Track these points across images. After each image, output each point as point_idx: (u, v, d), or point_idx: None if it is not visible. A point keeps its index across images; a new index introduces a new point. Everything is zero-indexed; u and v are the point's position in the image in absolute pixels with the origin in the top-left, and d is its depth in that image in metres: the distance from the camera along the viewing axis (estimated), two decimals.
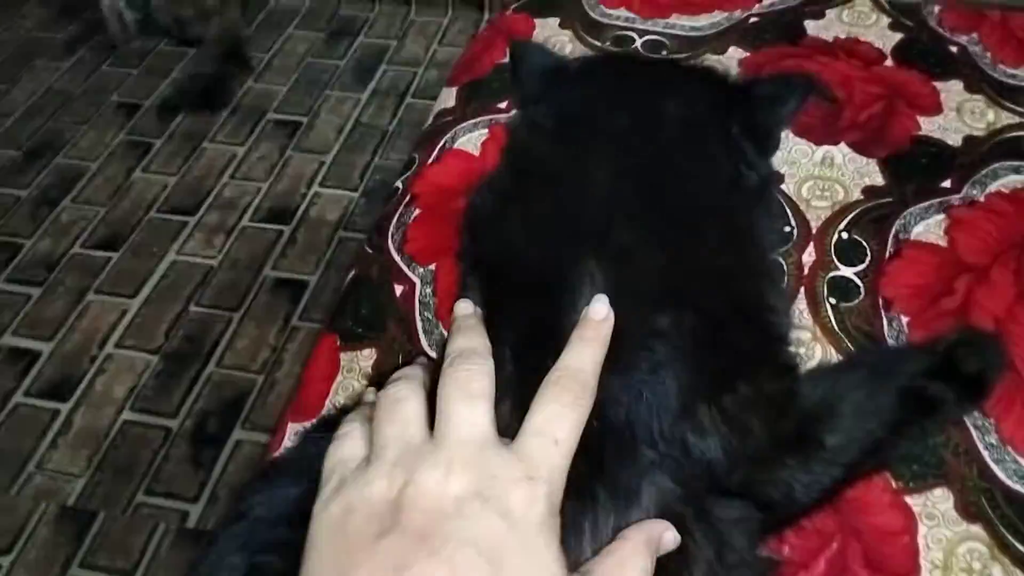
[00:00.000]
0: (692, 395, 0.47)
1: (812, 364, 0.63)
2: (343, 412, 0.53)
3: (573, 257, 0.51)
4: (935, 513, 0.57)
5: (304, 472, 0.45)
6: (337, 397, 0.64)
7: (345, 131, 1.93)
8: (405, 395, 0.41)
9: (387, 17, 2.28)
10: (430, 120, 0.90)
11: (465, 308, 0.49)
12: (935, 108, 0.86)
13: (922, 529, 0.56)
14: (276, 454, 0.62)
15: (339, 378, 0.65)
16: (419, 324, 0.68)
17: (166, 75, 2.12)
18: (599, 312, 0.45)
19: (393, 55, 2.15)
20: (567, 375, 0.41)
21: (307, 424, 0.63)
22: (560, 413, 0.39)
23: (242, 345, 1.49)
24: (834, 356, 0.66)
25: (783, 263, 0.70)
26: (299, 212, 1.73)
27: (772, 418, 0.50)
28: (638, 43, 0.95)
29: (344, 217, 1.71)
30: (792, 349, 0.57)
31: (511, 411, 0.44)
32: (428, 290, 0.71)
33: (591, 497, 0.43)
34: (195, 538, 1.23)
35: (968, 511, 0.57)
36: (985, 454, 0.59)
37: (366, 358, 0.66)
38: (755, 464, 0.50)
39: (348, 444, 0.41)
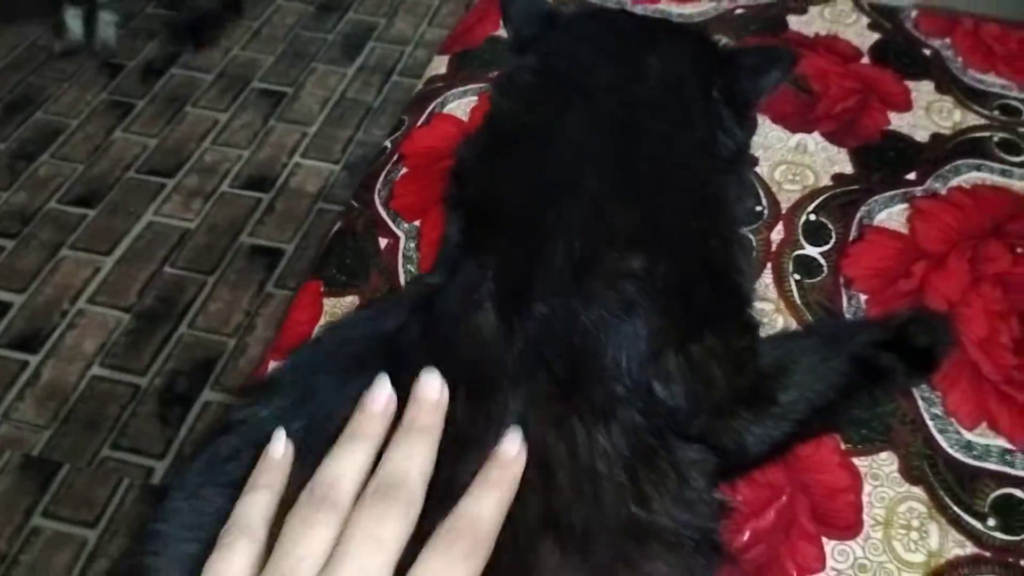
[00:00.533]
0: (660, 341, 0.50)
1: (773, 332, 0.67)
2: None
3: (548, 199, 0.54)
4: (879, 474, 0.61)
5: None
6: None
7: (329, 104, 1.93)
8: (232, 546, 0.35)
9: None
10: (420, 85, 0.92)
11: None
12: (906, 105, 0.90)
13: (867, 488, 0.60)
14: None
15: (322, 321, 0.67)
16: (402, 276, 0.70)
17: (151, 36, 2.11)
18: (509, 451, 0.39)
19: (382, 32, 2.16)
20: (462, 523, 0.35)
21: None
22: (448, 567, 0.33)
23: (215, 308, 1.49)
24: (795, 327, 0.69)
25: (752, 237, 0.73)
26: (279, 181, 1.74)
27: (734, 371, 0.53)
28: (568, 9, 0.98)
29: (324, 189, 1.72)
30: (755, 311, 0.60)
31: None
32: (412, 244, 0.73)
33: (568, 410, 0.45)
34: (160, 494, 1.24)
35: (911, 474, 0.60)
36: (930, 424, 0.63)
37: (348, 305, 0.68)
38: (713, 414, 0.53)
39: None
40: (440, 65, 0.94)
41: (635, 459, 0.46)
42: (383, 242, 0.74)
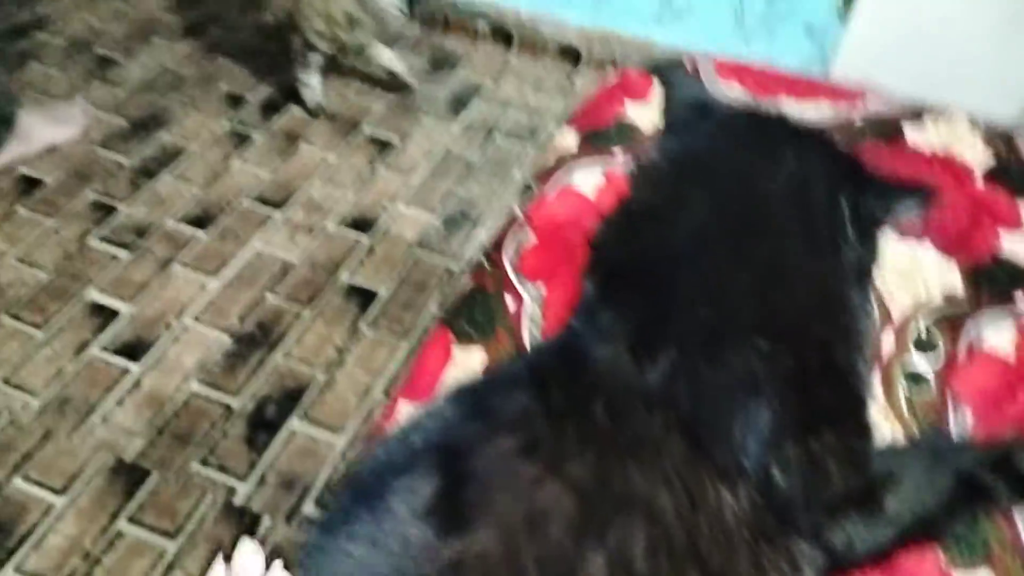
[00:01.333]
0: (781, 429, 0.54)
1: (880, 440, 0.69)
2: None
3: (679, 273, 0.60)
4: None
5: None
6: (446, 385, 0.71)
7: (433, 156, 2.02)
8: None
9: (487, 56, 2.39)
10: (550, 157, 0.98)
11: None
12: (1017, 224, 0.92)
13: None
14: (387, 425, 0.69)
15: (450, 369, 0.72)
16: (526, 336, 0.75)
17: (273, 73, 2.24)
18: None
19: (487, 92, 2.25)
20: None
21: (416, 403, 0.70)
22: None
23: (309, 340, 1.56)
24: (901, 436, 0.71)
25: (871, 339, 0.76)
26: (379, 224, 1.81)
27: (848, 471, 0.56)
28: (727, 105, 1.03)
29: (421, 237, 1.79)
30: (870, 415, 0.63)
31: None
32: (536, 308, 0.78)
33: (699, 461, 0.50)
34: (239, 515, 1.29)
35: None
36: None
37: (476, 358, 0.73)
38: (825, 511, 0.56)
39: None
40: (568, 138, 1.00)
41: (756, 529, 0.49)
42: (510, 302, 0.79)
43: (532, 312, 0.76)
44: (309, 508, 1.30)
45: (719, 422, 0.52)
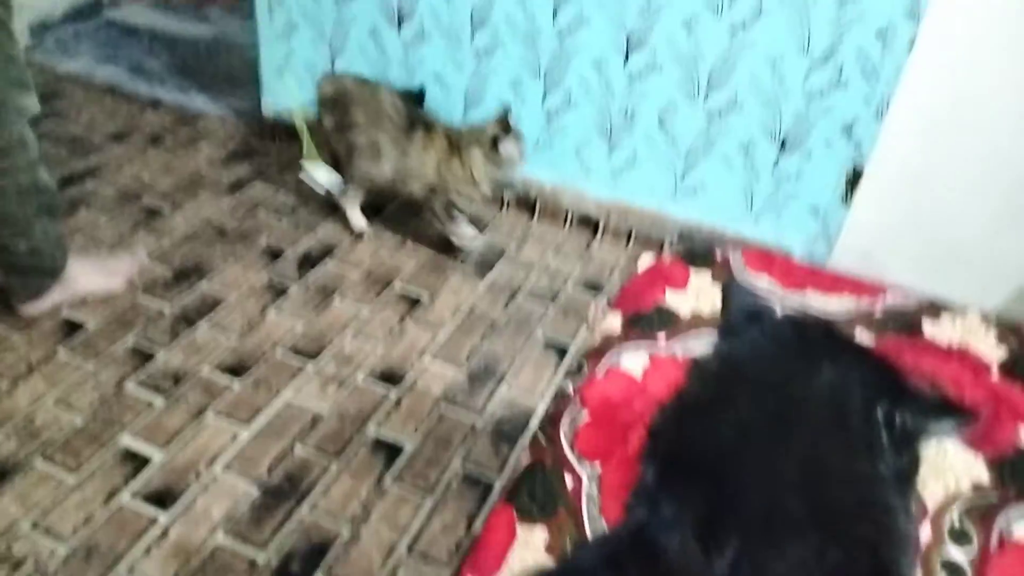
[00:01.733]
0: None
1: None
2: None
3: (730, 465, 0.65)
4: None
5: None
6: (512, 564, 0.75)
7: (459, 313, 2.11)
8: None
9: (511, 221, 2.54)
10: (596, 338, 1.05)
11: None
12: None
13: None
14: None
15: (515, 548, 0.76)
16: (585, 515, 0.79)
17: (311, 229, 2.37)
18: None
19: (511, 255, 2.38)
20: None
21: None
22: None
23: (335, 493, 1.58)
24: None
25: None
26: (407, 378, 1.88)
27: None
28: (777, 312, 1.11)
29: (447, 391, 1.85)
30: None
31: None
32: (594, 487, 0.83)
33: None
34: None
35: None
36: None
37: (539, 537, 0.77)
38: None
39: None
40: (614, 320, 1.08)
41: None
42: (568, 480, 0.84)
43: (590, 491, 0.81)
44: None
45: None
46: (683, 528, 0.61)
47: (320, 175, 2.46)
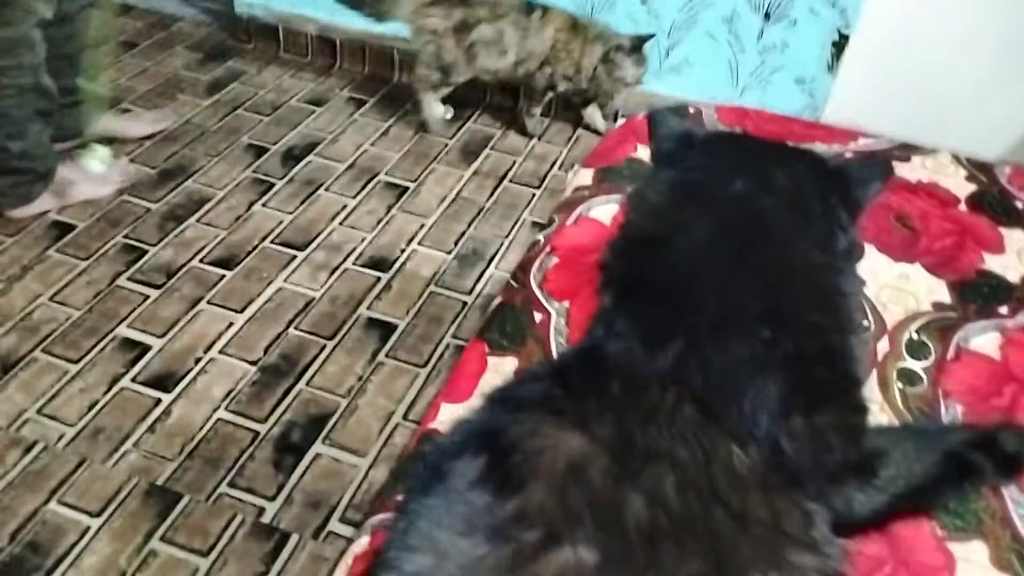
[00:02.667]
0: (789, 405, 0.61)
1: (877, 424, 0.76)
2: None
3: (683, 279, 0.68)
4: (972, 559, 0.69)
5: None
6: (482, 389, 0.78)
7: (446, 201, 2.12)
8: None
9: (497, 108, 2.52)
10: (568, 192, 1.07)
11: None
12: (999, 249, 1.00)
13: (960, 570, 0.68)
14: (430, 425, 0.76)
15: (486, 375, 0.79)
16: (553, 346, 0.82)
17: (294, 127, 2.36)
18: None
19: (496, 142, 2.37)
20: None
21: (456, 404, 0.77)
22: None
23: (331, 370, 1.63)
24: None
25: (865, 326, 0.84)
26: (397, 263, 1.90)
27: (847, 443, 0.64)
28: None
29: (436, 274, 1.88)
30: (865, 395, 0.70)
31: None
32: (562, 321, 0.86)
33: (710, 423, 0.58)
34: (268, 532, 1.35)
35: (1000, 563, 0.68)
36: (1018, 523, 0.71)
37: (509, 365, 0.80)
38: (828, 479, 0.63)
39: None
40: (585, 177, 1.09)
41: (769, 483, 0.57)
42: (538, 316, 0.87)
43: (557, 324, 0.84)
44: (336, 526, 1.36)
45: (729, 397, 0.60)
46: (630, 337, 0.64)
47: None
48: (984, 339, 0.88)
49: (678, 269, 0.70)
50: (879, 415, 0.79)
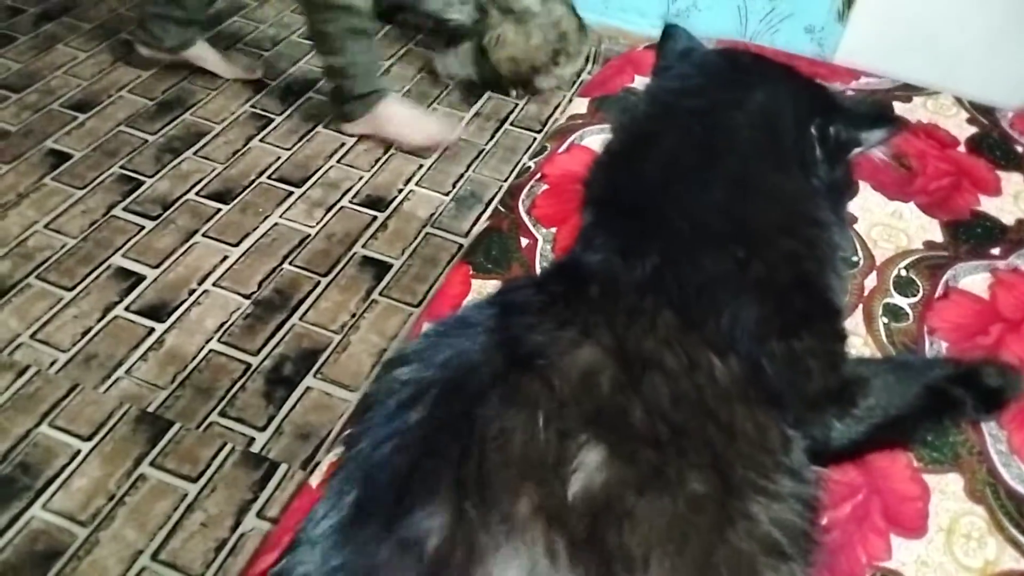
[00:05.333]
0: (767, 327, 0.61)
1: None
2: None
3: (656, 198, 0.67)
4: (947, 490, 0.69)
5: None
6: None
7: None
8: None
9: None
10: (563, 120, 1.05)
11: None
12: (996, 191, 0.99)
13: (934, 499, 0.68)
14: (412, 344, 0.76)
15: (470, 297, 0.79)
16: (538, 270, 0.82)
17: (294, 63, 2.33)
18: None
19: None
20: None
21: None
22: None
23: (325, 306, 1.63)
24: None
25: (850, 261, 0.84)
26: (394, 203, 1.89)
27: (826, 369, 0.63)
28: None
29: (433, 216, 1.87)
30: (844, 324, 0.70)
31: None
32: (548, 247, 0.85)
33: (690, 331, 0.58)
34: (257, 461, 1.36)
35: (975, 495, 0.68)
36: (995, 457, 0.71)
37: (493, 286, 0.80)
38: (806, 406, 0.63)
39: None
40: (580, 106, 1.07)
41: (750, 396, 0.57)
42: (524, 241, 0.86)
43: (543, 250, 0.83)
44: (325, 457, 1.36)
45: (707, 309, 0.60)
46: (608, 249, 0.63)
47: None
48: (974, 279, 0.87)
49: (651, 183, 0.69)
50: (862, 349, 0.78)
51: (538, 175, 0.94)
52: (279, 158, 1.99)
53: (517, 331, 0.58)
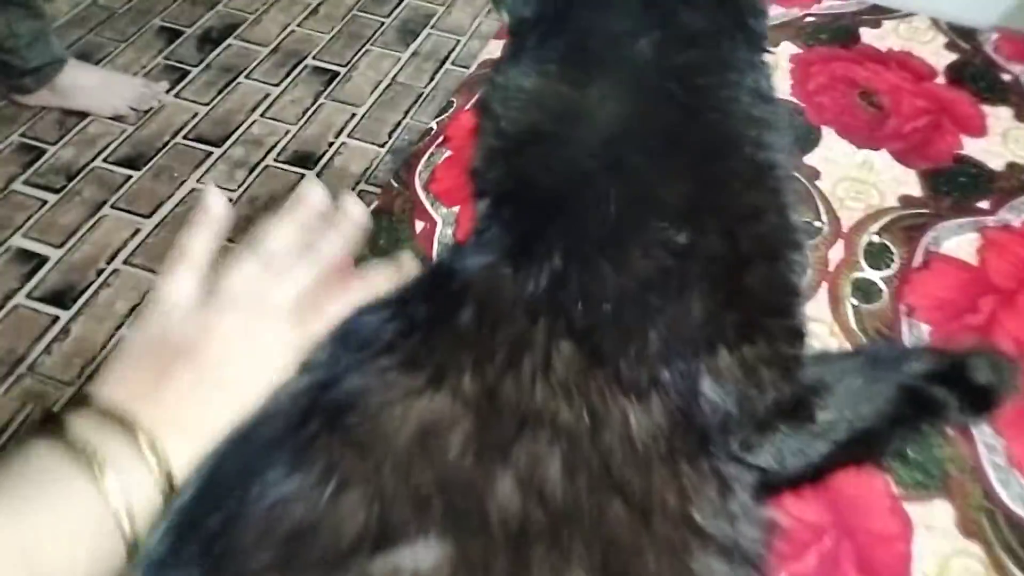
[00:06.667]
0: (716, 331, 0.47)
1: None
2: None
3: (589, 176, 0.52)
4: (934, 525, 0.56)
5: None
6: None
7: (381, 87, 1.92)
8: None
9: None
10: (473, 68, 0.89)
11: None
12: (980, 130, 0.85)
13: (918, 538, 0.55)
14: None
15: None
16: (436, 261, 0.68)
17: (212, 6, 2.12)
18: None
19: (438, 21, 2.14)
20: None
21: None
22: None
23: None
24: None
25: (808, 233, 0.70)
26: (324, 159, 1.73)
27: (778, 379, 0.50)
28: None
29: (368, 171, 1.71)
30: (804, 312, 0.56)
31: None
32: (449, 231, 0.70)
33: (595, 370, 0.43)
34: None
35: (968, 528, 0.56)
36: (991, 474, 0.58)
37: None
38: (755, 426, 0.49)
39: None
40: (495, 50, 0.91)
41: (676, 450, 0.43)
42: (419, 225, 0.71)
43: (443, 235, 0.69)
44: None
45: (625, 330, 0.45)
46: (494, 252, 0.47)
47: None
48: (959, 240, 0.73)
49: (570, 165, 0.54)
50: (828, 339, 0.65)
51: (440, 139, 0.78)
52: (196, 115, 1.81)
53: (339, 371, 0.43)
